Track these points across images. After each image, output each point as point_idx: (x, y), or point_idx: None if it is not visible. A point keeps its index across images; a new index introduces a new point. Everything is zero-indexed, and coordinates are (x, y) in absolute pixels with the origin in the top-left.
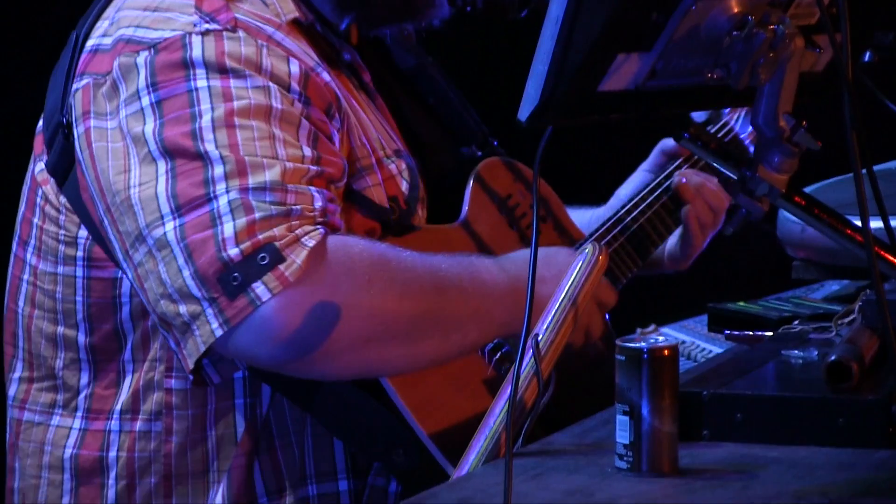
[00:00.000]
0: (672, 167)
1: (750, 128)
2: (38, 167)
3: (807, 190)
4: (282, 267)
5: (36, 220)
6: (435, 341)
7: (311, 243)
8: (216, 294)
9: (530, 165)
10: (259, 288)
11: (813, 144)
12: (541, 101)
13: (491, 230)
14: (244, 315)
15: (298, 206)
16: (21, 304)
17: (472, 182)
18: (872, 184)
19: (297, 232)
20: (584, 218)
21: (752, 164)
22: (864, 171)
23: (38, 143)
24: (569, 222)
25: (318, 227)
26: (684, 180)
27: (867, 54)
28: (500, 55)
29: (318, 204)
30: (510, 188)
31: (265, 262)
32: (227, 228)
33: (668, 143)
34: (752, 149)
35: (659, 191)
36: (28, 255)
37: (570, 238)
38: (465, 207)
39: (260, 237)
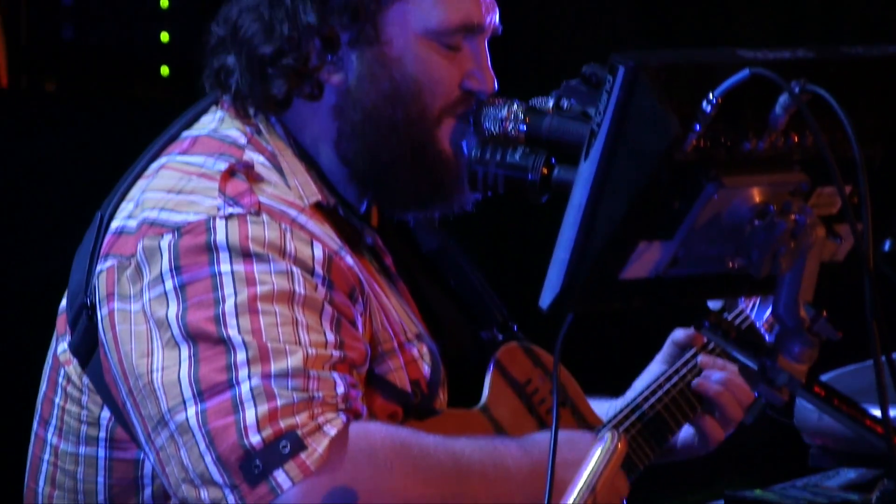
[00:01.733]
0: (687, 356)
1: (765, 315)
2: (61, 347)
3: (826, 377)
4: (303, 455)
5: (58, 400)
6: None
7: (333, 431)
8: (238, 481)
9: (549, 349)
10: (280, 476)
11: (833, 335)
12: (562, 289)
13: (510, 415)
14: (265, 503)
15: (320, 393)
16: (41, 483)
17: (491, 367)
18: (892, 373)
19: (318, 420)
20: (602, 408)
21: (771, 354)
22: (883, 358)
23: (61, 323)
24: (587, 409)
25: (340, 413)
26: (707, 378)
27: (887, 243)
28: (523, 238)
29: (341, 390)
30: (529, 373)
31: (287, 451)
32: (249, 415)
33: (680, 333)
34: (768, 336)
35: (676, 378)
36: (49, 435)
37: (589, 424)
38: (485, 392)
39: (282, 424)
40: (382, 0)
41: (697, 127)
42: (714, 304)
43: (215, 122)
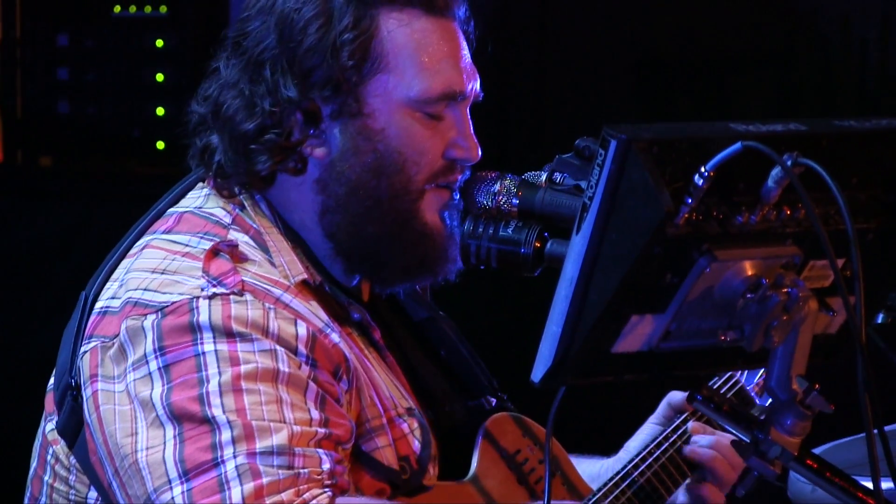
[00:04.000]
0: (679, 420)
1: (756, 378)
2: (49, 426)
3: (818, 450)
4: None
5: (47, 478)
6: None
7: None
8: None
9: (539, 419)
10: None
11: (826, 408)
12: (554, 362)
13: (500, 486)
14: None
15: (306, 470)
16: None
17: (480, 437)
18: (884, 445)
19: (305, 496)
20: (592, 469)
21: (764, 427)
22: (875, 431)
23: (49, 402)
24: (577, 478)
25: (326, 489)
26: (696, 444)
27: (880, 316)
28: (513, 309)
29: (326, 466)
30: (519, 443)
31: None
32: (235, 493)
33: (676, 396)
34: (758, 400)
35: (666, 444)
36: None
37: (579, 494)
38: (474, 463)
39: (268, 501)
40: (364, 72)
41: (689, 200)
42: None
43: (201, 198)
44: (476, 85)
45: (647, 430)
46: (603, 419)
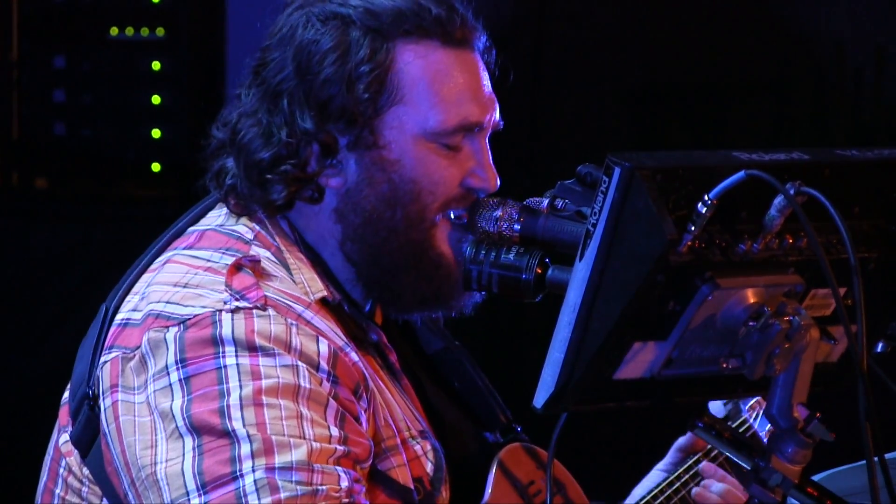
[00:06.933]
0: (689, 462)
1: (768, 425)
2: (63, 438)
3: (818, 476)
4: None
5: (58, 491)
6: None
7: None
8: None
9: (544, 446)
10: None
11: (827, 436)
12: (557, 388)
13: None
14: None
15: (324, 487)
16: None
17: (494, 467)
18: (884, 473)
19: None
20: None
21: (765, 455)
22: (876, 459)
23: (63, 414)
24: None
25: None
26: (706, 488)
27: (880, 345)
28: (514, 335)
29: (345, 484)
30: (532, 475)
31: None
32: None
33: (683, 441)
34: None
35: (678, 484)
36: None
37: None
38: (488, 492)
39: None
40: (379, 104)
41: (692, 228)
42: (719, 414)
43: (222, 217)
44: (495, 115)
45: (653, 477)
46: (616, 458)
